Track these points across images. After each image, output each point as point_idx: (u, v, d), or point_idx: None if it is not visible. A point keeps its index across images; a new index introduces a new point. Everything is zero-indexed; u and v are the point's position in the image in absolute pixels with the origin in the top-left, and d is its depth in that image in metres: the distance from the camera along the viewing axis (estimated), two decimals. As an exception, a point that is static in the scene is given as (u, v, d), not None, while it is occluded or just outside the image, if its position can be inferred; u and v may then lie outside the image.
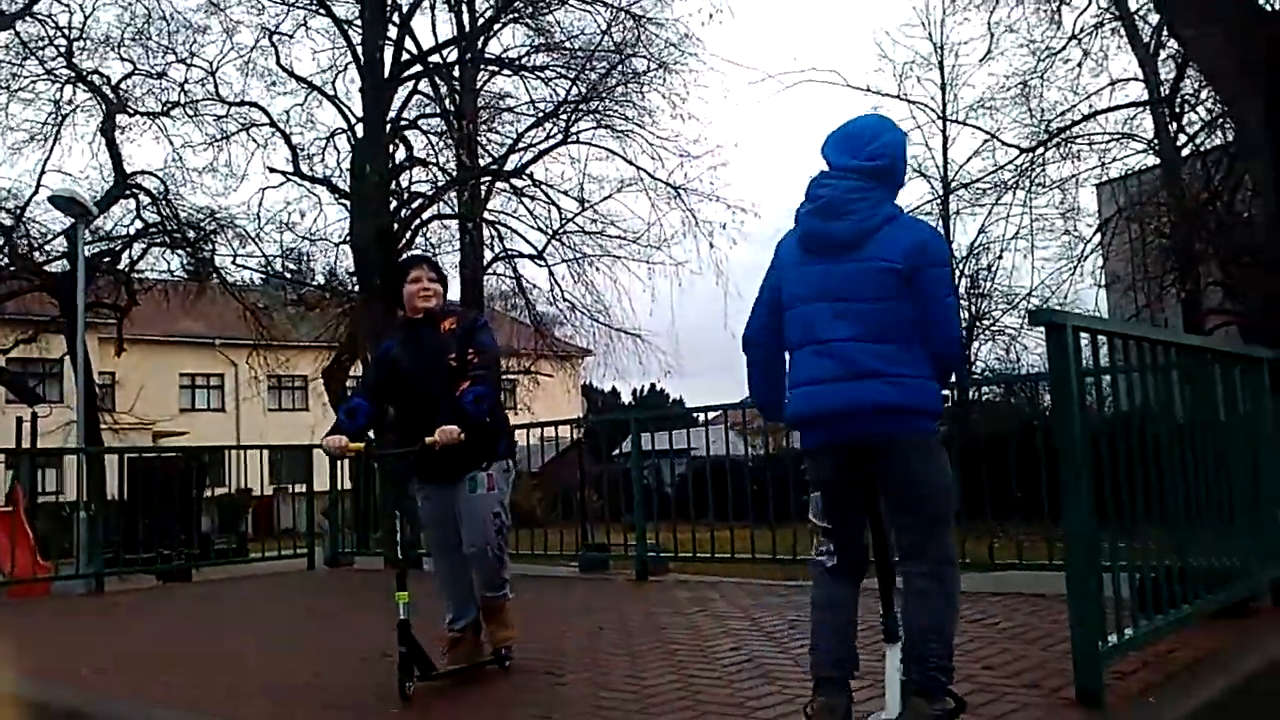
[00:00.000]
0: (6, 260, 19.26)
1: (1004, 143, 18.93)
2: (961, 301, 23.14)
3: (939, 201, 21.98)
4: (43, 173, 19.35)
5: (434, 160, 17.55)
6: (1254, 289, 10.76)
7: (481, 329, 4.40)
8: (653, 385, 43.29)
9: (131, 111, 19.60)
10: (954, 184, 21.76)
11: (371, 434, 4.65)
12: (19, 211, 18.61)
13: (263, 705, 3.94)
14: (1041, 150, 18.54)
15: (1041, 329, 3.49)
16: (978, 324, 23.53)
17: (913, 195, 21.81)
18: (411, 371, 4.33)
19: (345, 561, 11.06)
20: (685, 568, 8.27)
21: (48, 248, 20.23)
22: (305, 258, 21.19)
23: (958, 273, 22.54)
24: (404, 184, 17.23)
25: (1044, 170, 19.04)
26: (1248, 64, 9.09)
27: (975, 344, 23.29)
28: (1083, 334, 3.45)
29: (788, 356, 3.07)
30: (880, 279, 2.90)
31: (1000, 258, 21.84)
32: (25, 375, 23.25)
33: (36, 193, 18.67)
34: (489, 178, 17.24)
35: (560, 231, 18.11)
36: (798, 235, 3.04)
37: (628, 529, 8.84)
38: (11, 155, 21.54)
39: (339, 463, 11.29)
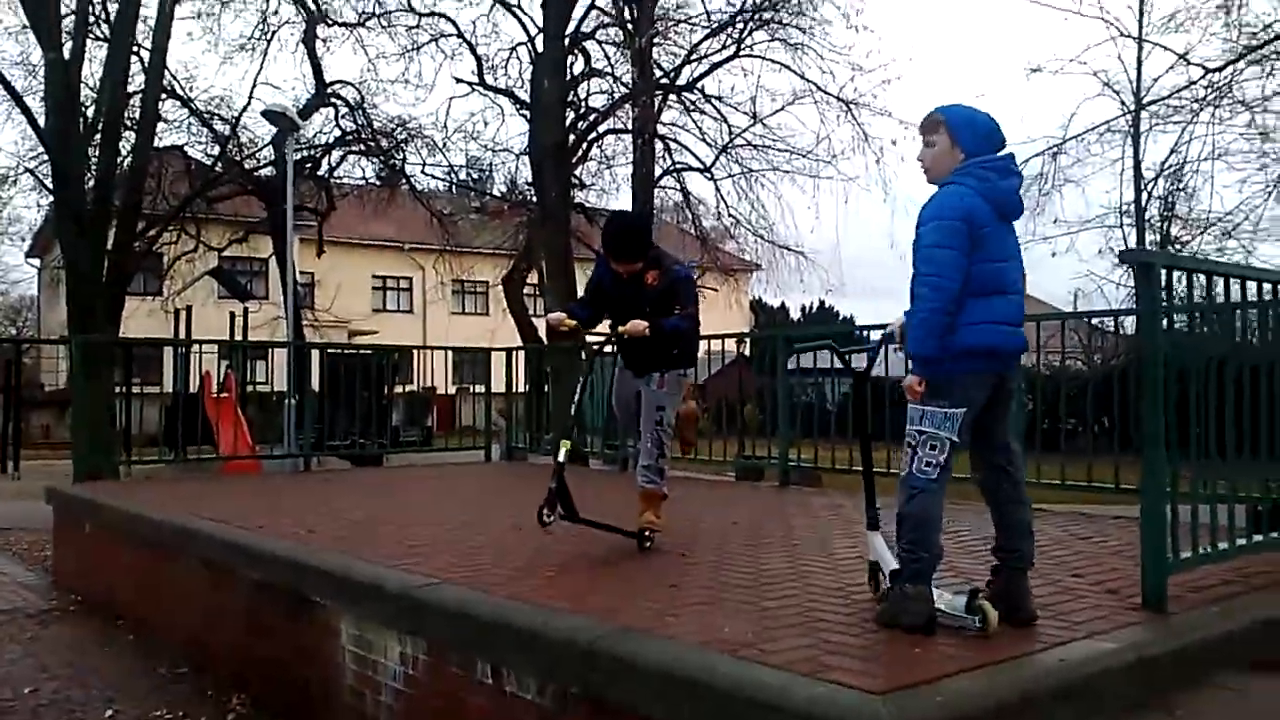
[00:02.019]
0: (220, 166, 20.89)
1: (1190, 63, 17.81)
2: (1152, 224, 22.20)
3: (1129, 119, 20.94)
4: (255, 85, 20.80)
5: (610, 72, 18.06)
6: None
7: (683, 283, 5.16)
8: (821, 302, 43.24)
9: (330, 22, 20.79)
10: (1146, 100, 20.66)
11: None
12: (234, 121, 20.07)
13: (448, 558, 4.70)
14: (1241, 66, 17.46)
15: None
16: (1168, 247, 22.49)
17: (1098, 113, 20.90)
18: (617, 305, 5.14)
19: (519, 456, 12.00)
20: (836, 480, 8.70)
21: (256, 154, 21.90)
22: (489, 167, 22.19)
23: (1147, 195, 21.64)
24: (581, 95, 17.84)
25: (1242, 88, 17.93)
26: None
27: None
28: (1176, 271, 3.74)
29: (968, 296, 3.36)
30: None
31: (1192, 180, 20.68)
32: (235, 273, 25.28)
33: (249, 104, 20.10)
34: (661, 92, 17.60)
35: (729, 146, 18.38)
36: (990, 197, 3.40)
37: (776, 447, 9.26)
38: (223, 64, 23.21)
39: (514, 367, 12.24)
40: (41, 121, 14.55)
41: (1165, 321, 3.65)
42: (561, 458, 4.76)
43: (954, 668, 2.86)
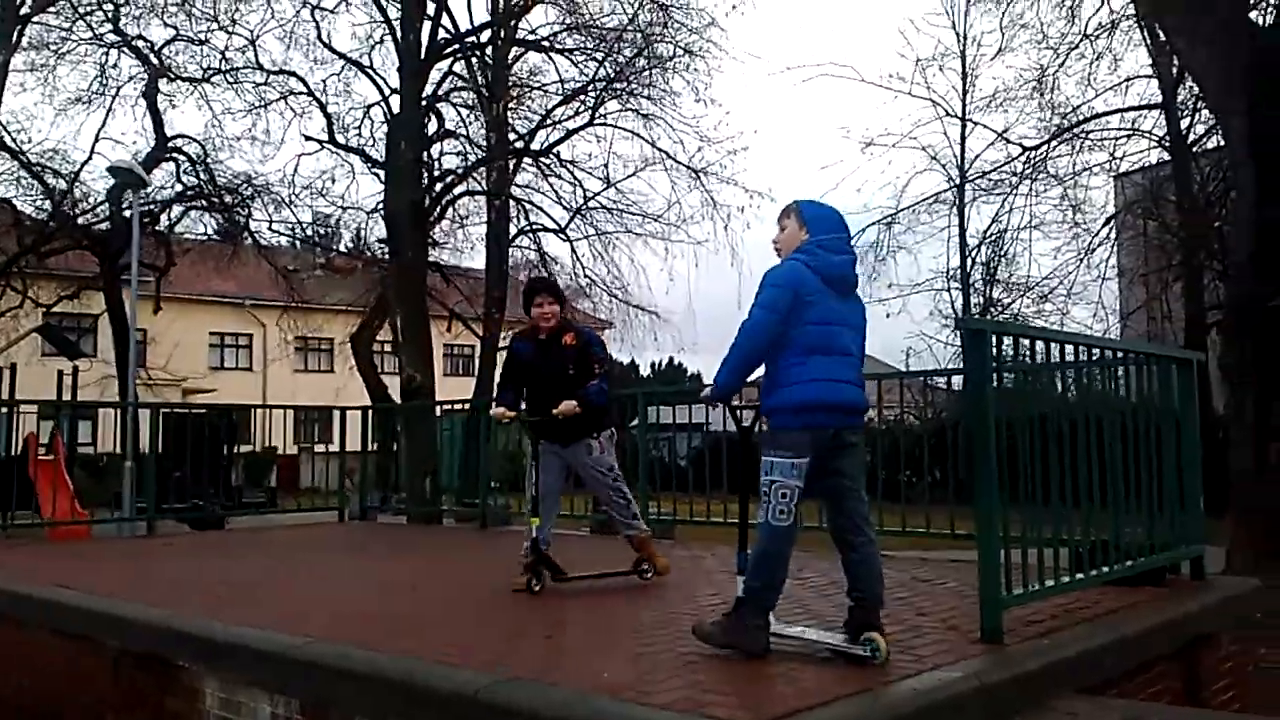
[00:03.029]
0: (49, 219, 20.02)
1: (1009, 141, 19.36)
2: (976, 288, 23.68)
3: (954, 191, 22.43)
4: (97, 139, 20.06)
5: (464, 133, 18.28)
6: (1230, 290, 11.33)
7: (595, 344, 5.78)
8: (670, 359, 44.06)
9: (173, 76, 20.31)
10: (970, 174, 22.17)
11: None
12: (73, 175, 19.34)
13: (320, 618, 4.69)
14: (1054, 144, 19.03)
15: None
16: (990, 311, 23.98)
17: (927, 185, 22.32)
18: (541, 373, 5.68)
19: (371, 515, 11.84)
20: (689, 531, 8.98)
21: (87, 206, 21.09)
22: (336, 224, 21.97)
23: (971, 260, 23.12)
24: (435, 155, 17.97)
25: (1055, 163, 19.53)
26: (1231, 79, 9.67)
27: (989, 330, 23.73)
28: (1005, 338, 4.16)
29: (792, 354, 3.76)
30: (862, 320, 4.01)
31: (1012, 247, 22.24)
32: (64, 329, 24.11)
33: (91, 158, 19.41)
34: (516, 156, 17.91)
35: (584, 208, 18.82)
36: (820, 271, 3.82)
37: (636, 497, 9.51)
38: (58, 116, 22.35)
39: (368, 426, 12.17)
40: None
41: (994, 382, 4.05)
42: (534, 534, 5.50)
43: (816, 700, 3.10)
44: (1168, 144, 18.67)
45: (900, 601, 5.04)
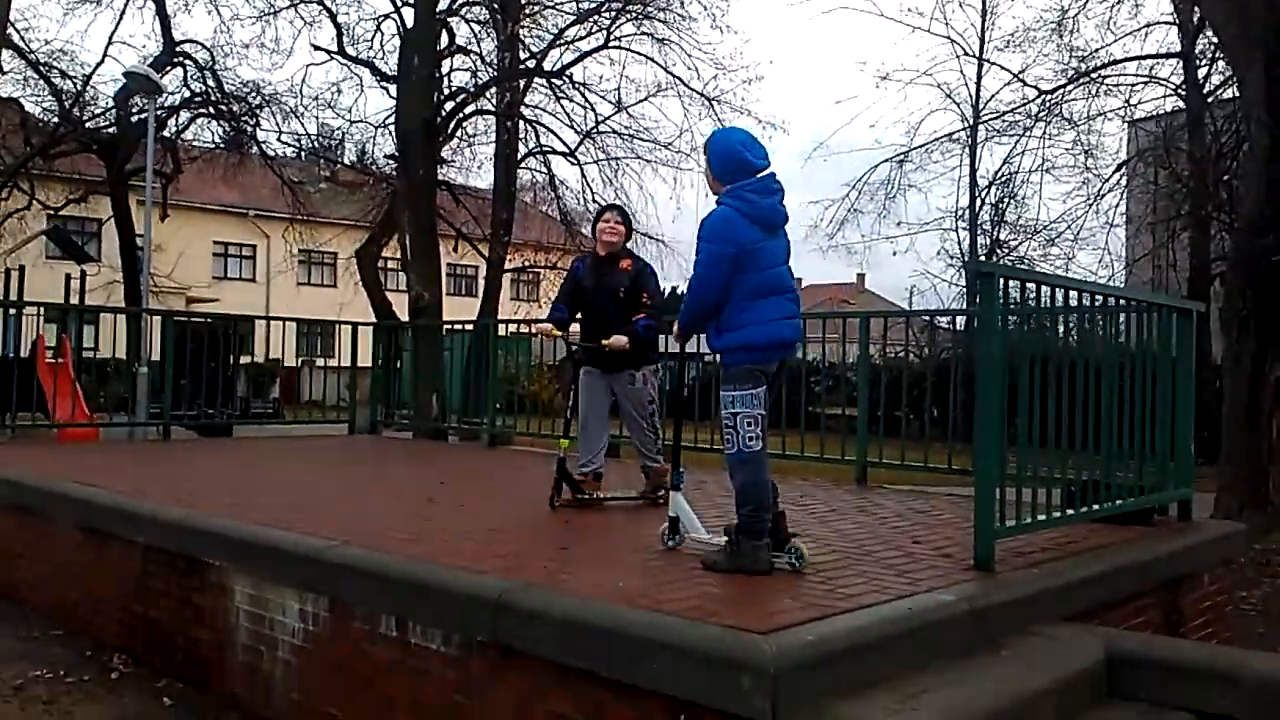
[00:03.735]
0: (58, 122, 19.94)
1: (1025, 83, 19.23)
2: (984, 229, 23.71)
3: (968, 131, 22.32)
4: (109, 42, 19.93)
5: (476, 50, 18.13)
6: (1236, 242, 11.43)
7: (650, 275, 5.88)
8: (675, 288, 44.15)
9: (182, -24, 20.13)
10: (984, 114, 22.04)
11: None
12: (85, 79, 19.24)
13: (341, 523, 4.91)
14: (1070, 88, 18.91)
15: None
16: (997, 252, 24.03)
17: (941, 123, 22.19)
18: (593, 293, 5.83)
19: (377, 430, 12.07)
20: (692, 458, 9.18)
21: (95, 110, 20.99)
22: (342, 138, 21.89)
23: (981, 201, 23.10)
24: (446, 71, 17.84)
25: (1070, 107, 19.43)
26: (1249, 31, 9.66)
27: (994, 271, 23.74)
28: (1012, 281, 4.31)
29: (740, 300, 4.00)
30: (788, 252, 4.23)
31: (1022, 189, 22.21)
32: (69, 233, 24.14)
33: (103, 61, 19.29)
34: (529, 76, 17.79)
35: (594, 131, 18.75)
36: (752, 215, 4.02)
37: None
38: (66, 15, 22.16)
39: (377, 345, 12.36)
40: None
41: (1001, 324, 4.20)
42: (562, 454, 5.70)
43: (818, 614, 3.30)
44: (1184, 93, 18.58)
45: (897, 530, 5.27)
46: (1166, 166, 18.89)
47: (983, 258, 23.39)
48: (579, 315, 6.01)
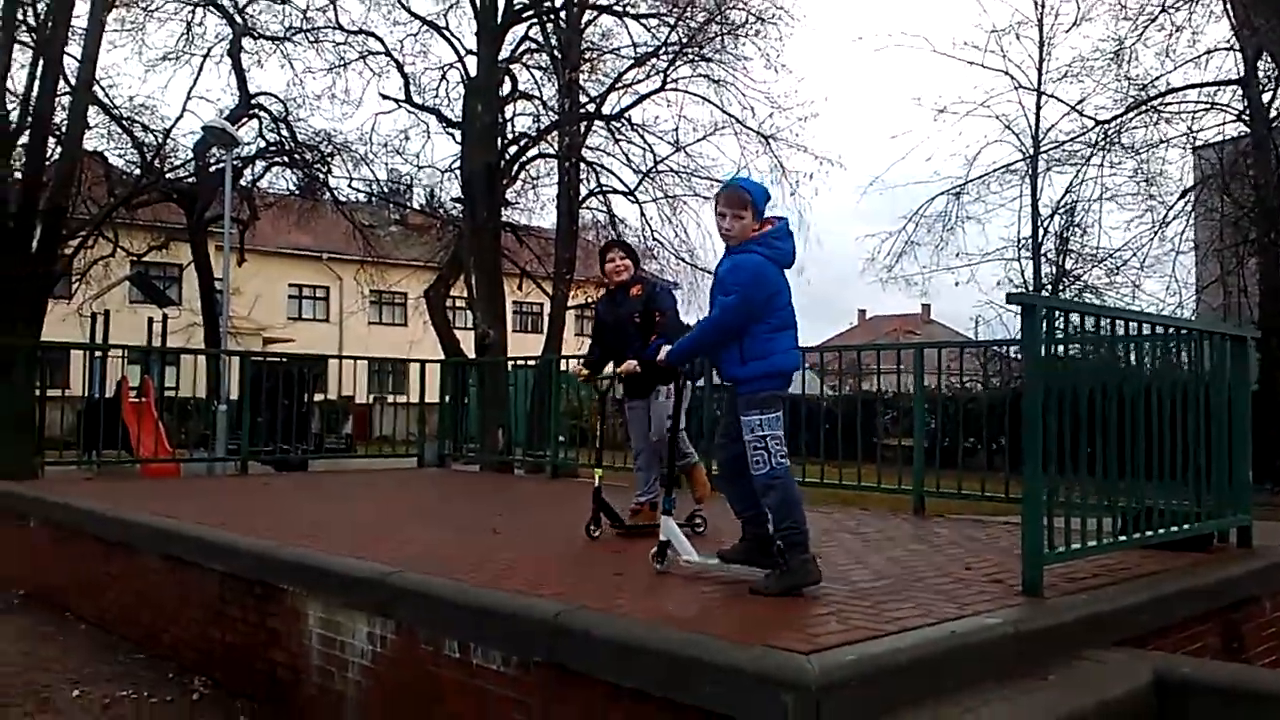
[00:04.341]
0: (141, 172, 20.80)
1: (1082, 114, 19.11)
2: (1049, 258, 23.47)
3: (1027, 161, 22.20)
4: (189, 97, 20.84)
5: (538, 96, 18.59)
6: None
7: (662, 294, 6.12)
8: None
9: (256, 35, 20.95)
10: (1043, 144, 21.91)
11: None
12: (165, 132, 20.10)
13: (409, 550, 5.12)
14: (1129, 116, 18.77)
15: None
16: (1063, 281, 23.77)
17: (998, 155, 22.11)
18: (609, 324, 6.16)
19: (445, 464, 12.36)
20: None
21: (175, 161, 21.89)
22: (410, 182, 22.50)
23: (1043, 231, 22.90)
24: (509, 116, 18.32)
25: (1131, 134, 19.27)
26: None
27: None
28: (1056, 313, 4.39)
29: (764, 333, 4.29)
30: None
31: (1085, 218, 22.00)
32: (152, 278, 25.05)
33: (183, 115, 20.20)
34: (588, 120, 18.17)
35: (653, 171, 19.05)
36: (778, 260, 4.38)
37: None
38: (147, 72, 23.17)
39: (445, 381, 12.70)
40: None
41: (1044, 353, 4.29)
42: (597, 484, 5.89)
43: (862, 636, 3.41)
44: (1247, 118, 18.33)
45: (950, 558, 5.33)
46: (1229, 194, 18.59)
47: (1048, 287, 23.17)
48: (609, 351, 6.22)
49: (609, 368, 6.25)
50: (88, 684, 5.47)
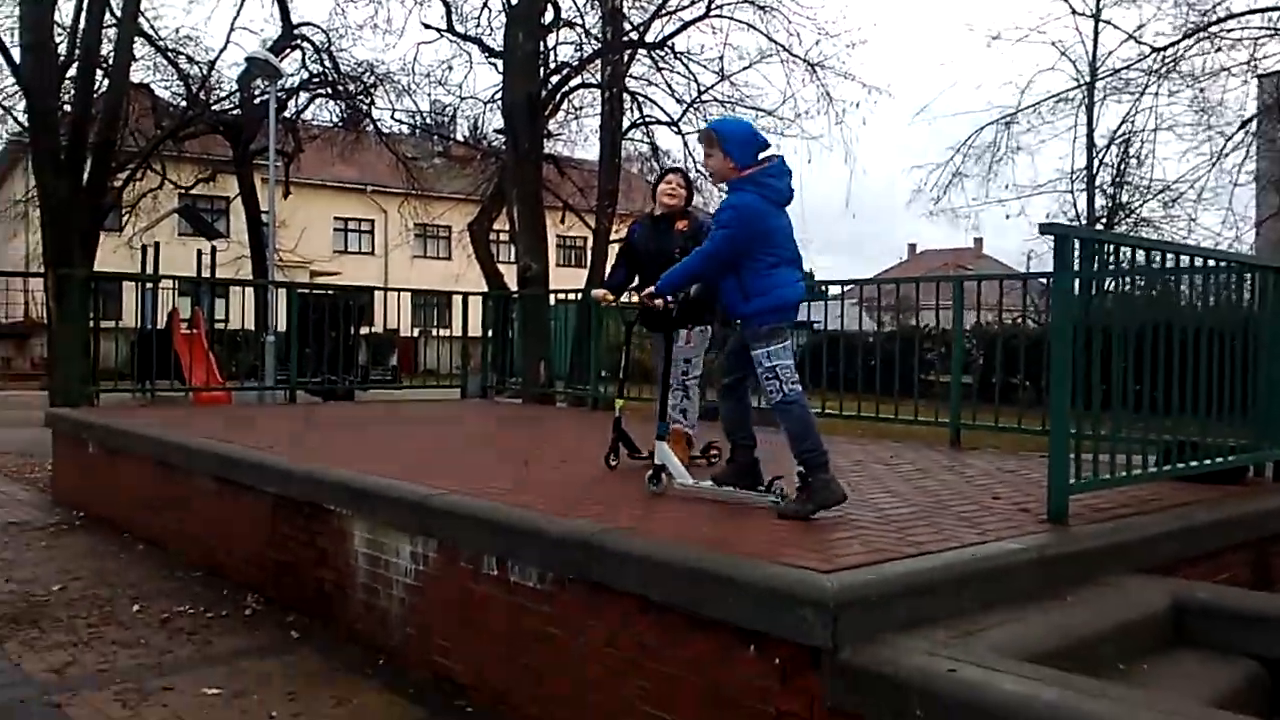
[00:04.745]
0: (187, 105, 20.98)
1: (1138, 41, 18.56)
2: (1105, 190, 23.05)
3: (1083, 90, 21.66)
4: (232, 28, 20.91)
5: (580, 22, 18.41)
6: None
7: (706, 228, 5.74)
8: (780, 255, 44.13)
9: (299, -38, 20.90)
10: (1099, 72, 21.35)
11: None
12: (210, 64, 20.22)
13: (451, 475, 5.29)
14: (1189, 43, 18.23)
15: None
16: (1118, 214, 23.35)
17: (1053, 83, 21.58)
18: (646, 255, 5.86)
19: (488, 396, 12.58)
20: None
21: (220, 93, 22.04)
22: (453, 113, 22.48)
23: (1098, 162, 22.45)
24: (551, 44, 18.20)
25: (1191, 61, 18.72)
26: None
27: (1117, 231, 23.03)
28: (1088, 243, 4.40)
29: (762, 269, 4.43)
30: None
31: (1141, 149, 21.51)
32: (199, 211, 25.42)
33: (226, 47, 20.28)
34: (631, 49, 17.99)
35: (697, 101, 18.85)
36: (771, 198, 4.48)
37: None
38: (190, 3, 23.24)
39: (487, 314, 12.84)
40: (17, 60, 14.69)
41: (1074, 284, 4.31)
42: (617, 414, 5.82)
43: (882, 558, 3.52)
44: (1313, 43, 17.73)
45: (981, 488, 5.41)
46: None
47: (1103, 220, 22.78)
48: (636, 278, 5.96)
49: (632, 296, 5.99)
50: (147, 599, 5.75)
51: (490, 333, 13.17)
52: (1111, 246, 4.65)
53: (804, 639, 3.08)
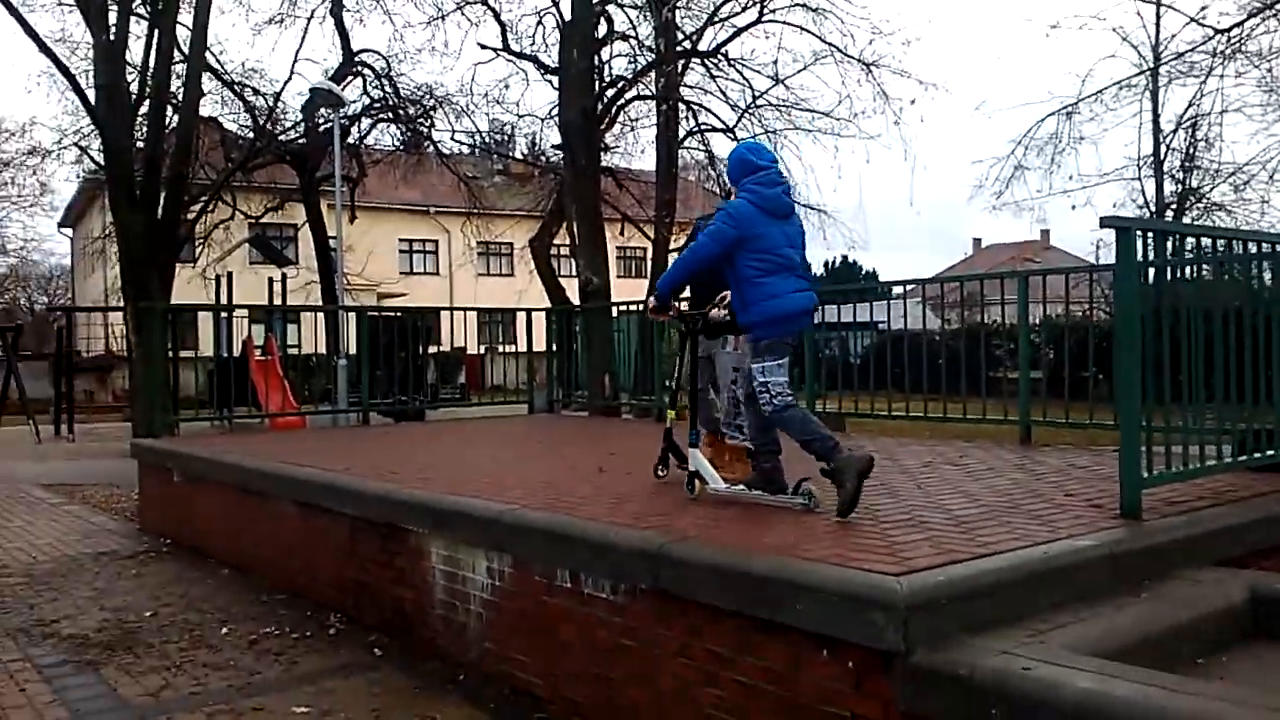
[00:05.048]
0: (255, 136, 21.53)
1: (1201, 24, 18.12)
2: (1174, 175, 22.55)
3: (1147, 75, 21.21)
4: (296, 59, 21.47)
5: (634, 35, 18.54)
6: None
7: None
8: (843, 257, 43.80)
9: (356, -10, 21.37)
10: (1163, 56, 20.89)
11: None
12: (276, 95, 20.76)
13: (521, 490, 5.40)
14: (1255, 21, 17.76)
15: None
16: (1189, 199, 22.81)
17: (1115, 71, 21.12)
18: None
19: (555, 410, 12.72)
20: (858, 426, 9.34)
21: (286, 123, 22.59)
22: (512, 131, 22.76)
23: (1166, 148, 21.96)
24: (605, 58, 18.35)
25: (1258, 40, 18.24)
26: None
27: (1187, 218, 22.53)
28: (1149, 234, 4.35)
29: (755, 277, 4.58)
30: (802, 235, 4.85)
31: (1210, 131, 20.99)
32: (269, 239, 26.04)
33: (291, 78, 20.77)
34: (685, 58, 18.06)
35: (752, 106, 18.84)
36: (762, 206, 4.63)
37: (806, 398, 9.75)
38: (254, 36, 23.85)
39: (558, 328, 13.01)
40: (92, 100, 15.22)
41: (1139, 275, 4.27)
42: (669, 423, 5.85)
43: (952, 559, 3.52)
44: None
45: (1052, 485, 5.36)
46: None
47: (1173, 206, 22.28)
48: (686, 288, 5.69)
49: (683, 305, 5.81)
50: (234, 622, 5.94)
51: (554, 347, 13.32)
52: (1177, 236, 4.59)
53: (876, 643, 3.11)
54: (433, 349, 20.50)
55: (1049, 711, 2.75)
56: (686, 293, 5.92)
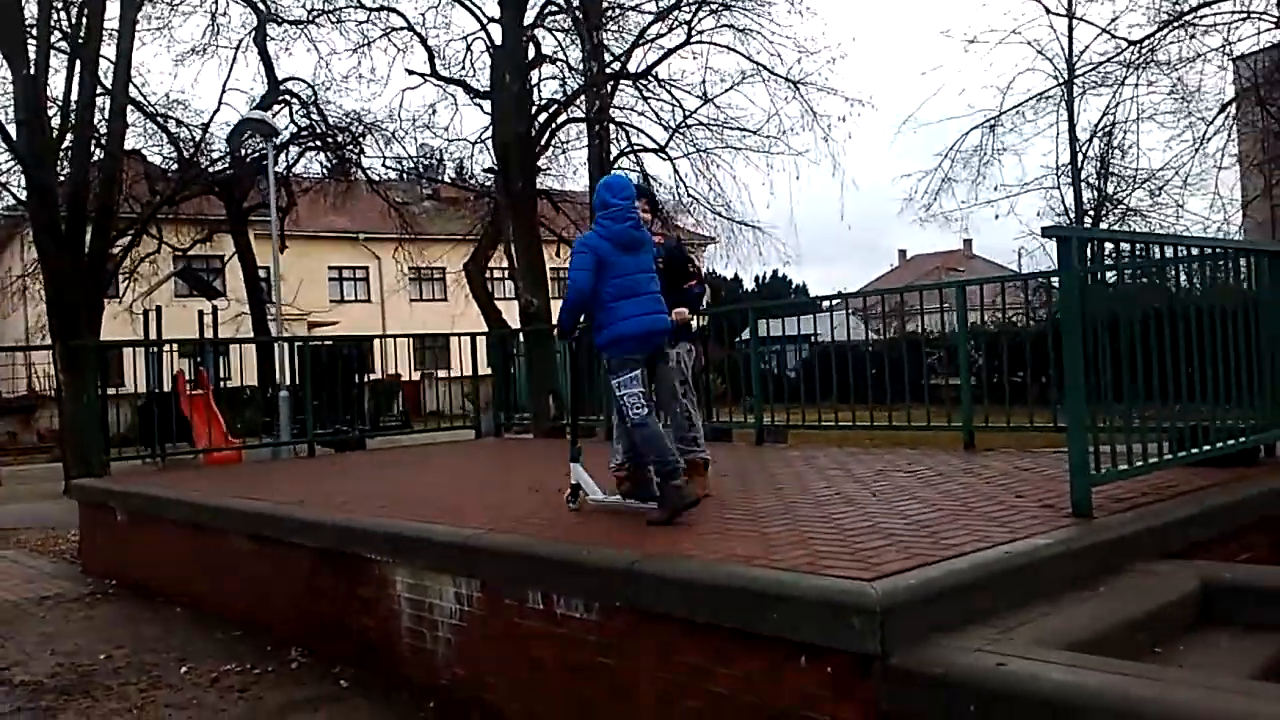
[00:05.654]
0: (180, 168, 21.19)
1: (1113, 35, 18.81)
2: (1090, 183, 23.25)
3: (1062, 88, 21.89)
4: (224, 90, 21.13)
5: (562, 58, 18.66)
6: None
7: (679, 246, 6.20)
8: (775, 272, 44.30)
9: (280, 20, 21.16)
10: (1077, 67, 21.59)
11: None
12: (204, 127, 20.46)
13: (482, 515, 5.40)
14: (1163, 33, 18.46)
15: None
16: (1105, 206, 23.53)
17: (1031, 83, 21.75)
18: None
19: (500, 434, 12.68)
20: (802, 437, 9.51)
21: (215, 154, 22.27)
22: (440, 156, 22.72)
23: (1082, 156, 22.66)
24: (535, 82, 18.42)
25: (1166, 50, 18.95)
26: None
27: (1104, 224, 23.25)
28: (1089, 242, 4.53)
29: (607, 301, 5.02)
30: (653, 265, 5.26)
31: (1124, 139, 21.72)
32: (197, 271, 25.58)
33: (219, 109, 20.51)
34: (615, 80, 18.22)
35: (682, 125, 19.08)
36: (609, 237, 5.08)
37: (748, 411, 9.94)
38: (176, 66, 23.48)
39: (492, 353, 12.96)
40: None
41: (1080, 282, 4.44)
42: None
43: (921, 562, 3.63)
44: (1285, 23, 17.93)
45: (1003, 488, 5.52)
46: (1273, 102, 18.29)
47: (1090, 213, 22.98)
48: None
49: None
50: (193, 660, 5.84)
51: (497, 371, 13.28)
52: (1109, 243, 4.78)
53: (854, 647, 3.19)
54: (369, 377, 20.28)
55: (1024, 704, 2.86)
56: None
